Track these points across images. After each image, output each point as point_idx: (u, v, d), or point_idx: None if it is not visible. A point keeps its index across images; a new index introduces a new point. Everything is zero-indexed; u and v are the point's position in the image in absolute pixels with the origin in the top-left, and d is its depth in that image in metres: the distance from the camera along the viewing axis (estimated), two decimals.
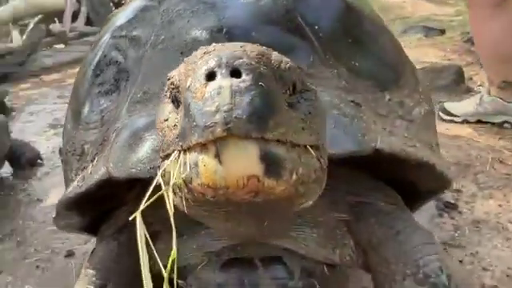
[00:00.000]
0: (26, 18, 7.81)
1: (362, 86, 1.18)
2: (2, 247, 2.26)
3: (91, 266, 1.24)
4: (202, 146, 0.57)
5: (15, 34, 7.43)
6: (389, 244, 1.14)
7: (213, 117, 0.56)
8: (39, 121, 4.15)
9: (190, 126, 0.58)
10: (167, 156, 0.65)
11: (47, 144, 3.41)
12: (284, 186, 0.60)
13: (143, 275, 0.68)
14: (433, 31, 5.35)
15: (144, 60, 1.20)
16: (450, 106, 3.08)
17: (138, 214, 0.64)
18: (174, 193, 0.65)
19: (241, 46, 0.63)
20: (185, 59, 0.67)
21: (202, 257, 1.16)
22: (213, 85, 0.57)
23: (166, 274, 0.66)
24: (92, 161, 1.13)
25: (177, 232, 0.67)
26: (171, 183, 0.62)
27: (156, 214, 0.68)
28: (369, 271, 1.22)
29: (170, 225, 0.66)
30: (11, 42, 7.30)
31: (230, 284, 1.15)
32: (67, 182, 1.35)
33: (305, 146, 0.65)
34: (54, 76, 7.07)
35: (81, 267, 1.32)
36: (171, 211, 0.64)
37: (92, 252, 1.30)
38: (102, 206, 1.26)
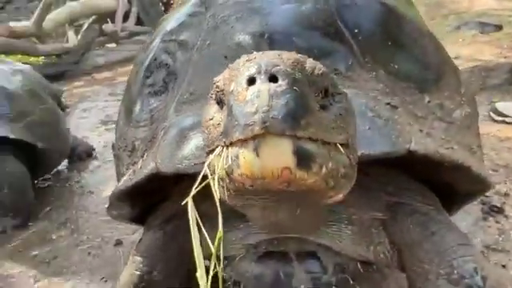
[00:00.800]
0: (81, 18, 8.16)
1: (400, 88, 1.21)
2: (58, 235, 2.43)
3: (138, 254, 1.32)
4: (243, 142, 0.65)
5: (71, 34, 7.79)
6: (423, 244, 1.15)
7: (252, 117, 0.63)
8: (92, 117, 4.36)
9: (232, 124, 0.66)
10: (212, 151, 0.73)
11: (99, 139, 3.59)
12: (314, 178, 0.67)
13: (195, 253, 0.74)
14: (489, 27, 5.05)
15: (191, 63, 1.27)
16: (502, 106, 2.97)
17: (189, 199, 0.72)
18: (218, 183, 0.72)
19: (278, 54, 0.70)
20: (229, 65, 0.74)
21: (240, 249, 1.21)
22: (253, 89, 0.64)
23: (214, 250, 0.72)
24: (142, 156, 1.22)
25: (215, 226, 0.74)
26: (216, 173, 0.70)
27: (198, 208, 0.75)
28: (403, 270, 1.24)
29: (211, 218, 0.73)
30: (67, 41, 7.66)
31: (265, 275, 1.20)
32: (119, 175, 1.45)
33: (335, 144, 0.71)
34: (106, 74, 7.36)
35: (128, 255, 1.41)
36: (217, 197, 0.72)
37: (139, 241, 1.38)
38: (151, 199, 1.34)
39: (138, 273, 1.29)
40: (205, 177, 0.73)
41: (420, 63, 1.29)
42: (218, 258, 0.75)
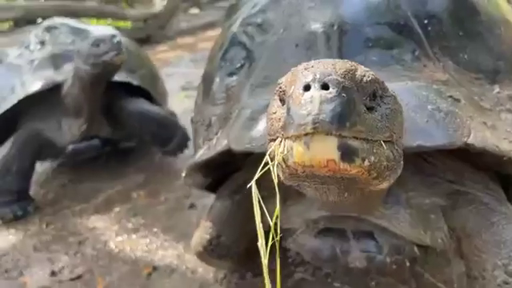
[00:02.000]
0: None
1: (468, 78, 1.21)
2: (138, 193, 2.66)
3: (208, 220, 1.47)
4: (297, 137, 0.77)
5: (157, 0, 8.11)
6: (482, 234, 1.18)
7: (305, 118, 0.75)
8: (173, 83, 4.53)
9: (289, 121, 0.78)
10: (273, 140, 0.85)
11: (179, 106, 3.71)
12: (357, 169, 0.78)
13: (257, 227, 0.87)
14: None
15: (266, 47, 1.36)
16: None
17: (253, 183, 0.85)
18: (277, 168, 0.84)
19: (332, 64, 0.80)
20: (292, 69, 0.85)
21: (301, 223, 1.32)
22: (307, 95, 0.76)
23: (271, 222, 0.85)
24: (216, 133, 1.34)
25: (281, 198, 0.86)
26: (276, 160, 0.83)
27: (263, 183, 0.87)
28: (462, 257, 1.27)
29: (274, 191, 0.85)
30: (153, 7, 7.98)
31: (322, 249, 1.30)
32: (195, 147, 1.60)
33: (379, 141, 0.81)
34: (188, 40, 7.61)
35: (200, 218, 1.55)
36: (275, 179, 0.85)
37: (210, 207, 1.53)
38: (222, 170, 1.48)
39: (208, 237, 1.44)
40: (266, 161, 0.85)
41: (492, 53, 1.27)
42: (275, 231, 0.86)
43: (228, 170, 1.48)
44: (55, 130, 2.69)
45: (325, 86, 0.76)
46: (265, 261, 0.85)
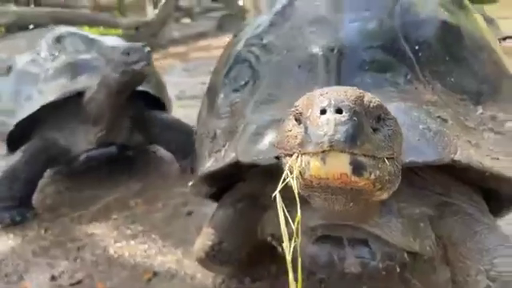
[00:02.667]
0: None
1: (455, 100, 1.33)
2: (135, 201, 2.72)
3: (211, 226, 1.55)
4: (314, 153, 0.89)
5: (149, 8, 8.19)
6: (467, 242, 1.28)
7: (322, 138, 0.87)
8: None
9: (307, 140, 0.90)
10: (289, 154, 0.97)
11: (174, 115, 3.80)
12: (364, 181, 0.91)
13: (282, 231, 0.99)
14: None
15: (270, 66, 1.46)
16: None
17: (277, 194, 0.97)
18: (295, 179, 0.96)
19: (344, 91, 0.92)
20: (307, 94, 0.97)
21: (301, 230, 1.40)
22: (324, 117, 0.88)
23: (294, 227, 0.98)
24: (224, 146, 1.44)
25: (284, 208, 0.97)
26: (294, 173, 0.94)
27: (265, 192, 0.98)
28: (448, 264, 1.37)
29: (275, 200, 0.96)
30: (145, 15, 8.05)
31: (320, 255, 1.40)
32: (199, 156, 1.68)
33: (383, 158, 0.94)
34: (180, 49, 7.70)
35: (198, 226, 1.62)
36: (296, 190, 0.96)
37: (212, 215, 1.61)
38: (227, 180, 1.57)
39: (210, 243, 1.52)
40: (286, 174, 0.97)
41: (476, 77, 1.39)
42: (297, 234, 1.00)
43: (232, 181, 1.57)
44: (70, 137, 2.75)
45: (339, 111, 0.88)
46: (288, 257, 1.00)
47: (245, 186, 1.52)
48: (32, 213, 2.68)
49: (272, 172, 1.13)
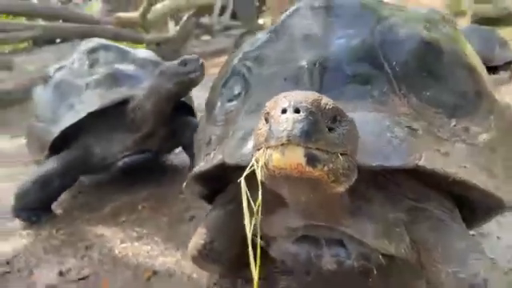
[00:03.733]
0: (182, 11, 8.78)
1: (430, 113, 1.42)
2: (142, 205, 2.84)
3: (204, 226, 1.65)
4: (275, 147, 1.03)
5: (171, 25, 8.45)
6: (438, 246, 1.36)
7: (282, 133, 1.01)
8: None
9: (270, 136, 1.04)
10: (258, 149, 1.11)
11: None
12: (318, 172, 1.04)
13: (246, 225, 1.15)
14: None
15: (261, 78, 1.59)
16: None
17: (242, 180, 1.12)
18: (260, 170, 1.10)
19: (304, 94, 1.06)
20: (274, 97, 1.11)
21: (282, 231, 1.51)
22: (284, 116, 1.03)
23: (255, 208, 1.12)
24: (214, 149, 1.56)
25: (267, 211, 1.09)
26: (260, 164, 1.09)
27: (252, 196, 1.10)
28: (422, 267, 1.44)
29: (262, 202, 1.09)
30: (167, 32, 8.30)
31: (300, 254, 1.50)
32: (196, 160, 1.81)
33: (336, 153, 1.07)
34: None
35: (197, 228, 1.72)
36: (259, 178, 1.10)
37: (206, 215, 1.72)
38: (218, 182, 1.68)
39: (202, 242, 1.62)
40: (252, 165, 1.12)
41: (453, 92, 1.47)
42: (257, 214, 1.14)
43: (224, 183, 1.69)
44: (106, 144, 2.86)
45: (297, 111, 1.02)
46: (249, 234, 1.14)
47: (234, 188, 1.63)
48: (49, 216, 2.80)
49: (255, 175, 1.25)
